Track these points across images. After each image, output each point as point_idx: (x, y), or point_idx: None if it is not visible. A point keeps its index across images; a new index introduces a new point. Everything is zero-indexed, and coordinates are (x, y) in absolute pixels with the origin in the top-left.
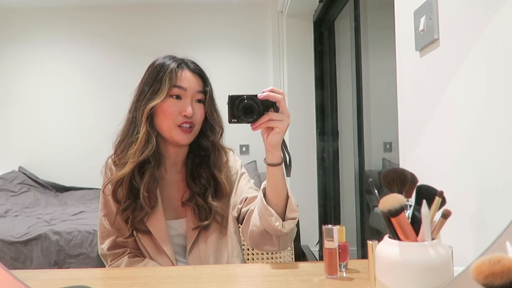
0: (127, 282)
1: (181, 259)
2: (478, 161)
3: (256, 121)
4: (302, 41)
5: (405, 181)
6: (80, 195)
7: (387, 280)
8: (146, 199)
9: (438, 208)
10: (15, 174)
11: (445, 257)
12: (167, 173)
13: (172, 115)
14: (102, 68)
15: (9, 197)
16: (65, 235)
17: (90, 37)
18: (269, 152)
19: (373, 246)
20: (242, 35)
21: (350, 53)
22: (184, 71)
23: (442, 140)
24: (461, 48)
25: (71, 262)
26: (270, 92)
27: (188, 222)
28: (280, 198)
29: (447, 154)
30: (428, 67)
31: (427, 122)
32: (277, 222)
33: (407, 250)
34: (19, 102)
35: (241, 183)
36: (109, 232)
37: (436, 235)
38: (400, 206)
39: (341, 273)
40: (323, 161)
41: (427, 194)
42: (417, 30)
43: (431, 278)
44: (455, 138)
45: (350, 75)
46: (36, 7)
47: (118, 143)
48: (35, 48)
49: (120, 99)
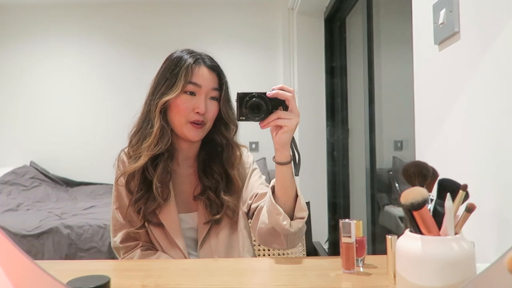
0: (142, 274)
1: (193, 253)
2: (498, 156)
3: (264, 119)
4: (313, 38)
5: (426, 174)
6: (90, 190)
7: (408, 274)
8: (159, 190)
9: (461, 202)
10: (27, 169)
11: (469, 252)
12: (179, 167)
13: (185, 111)
14: (113, 64)
15: (21, 191)
16: (76, 229)
17: (102, 32)
18: (278, 151)
19: (393, 241)
20: (252, 32)
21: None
22: (201, 67)
23: (461, 135)
24: (482, 41)
25: (81, 256)
26: (280, 90)
27: (199, 216)
28: (288, 196)
29: (466, 149)
30: (447, 61)
31: (445, 117)
32: (285, 221)
33: (430, 244)
34: (31, 97)
35: (252, 179)
36: (121, 225)
37: (459, 229)
38: (423, 199)
39: (358, 268)
40: (332, 158)
41: (450, 188)
42: (436, 23)
43: (453, 273)
44: (474, 133)
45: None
46: (49, 3)
47: (133, 134)
48: (48, 43)
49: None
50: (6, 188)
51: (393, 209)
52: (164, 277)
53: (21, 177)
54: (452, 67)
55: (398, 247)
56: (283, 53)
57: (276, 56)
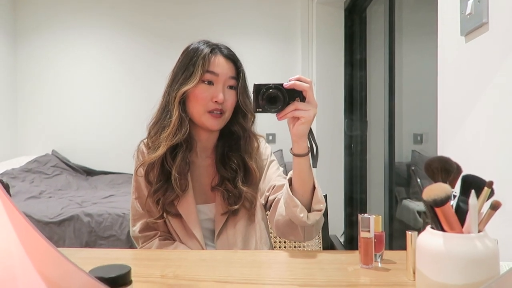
0: (161, 264)
1: (210, 243)
2: None
3: (281, 111)
4: (332, 29)
5: (450, 170)
6: (110, 179)
7: (429, 271)
8: (177, 181)
9: (486, 199)
10: (49, 157)
11: (493, 250)
12: (197, 158)
13: (204, 100)
14: (134, 55)
15: (43, 179)
16: (96, 217)
17: (122, 23)
18: (295, 143)
19: (413, 237)
20: (271, 22)
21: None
22: (217, 56)
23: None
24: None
25: (101, 244)
26: (297, 81)
27: (217, 206)
28: (306, 189)
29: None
30: (474, 52)
31: (470, 111)
32: (302, 213)
33: (452, 241)
34: (53, 88)
35: (270, 171)
36: (140, 215)
37: (483, 227)
38: (446, 195)
39: (376, 263)
40: (350, 151)
41: (474, 184)
42: (463, 14)
43: (477, 271)
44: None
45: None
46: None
47: (152, 125)
48: (69, 34)
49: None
50: (29, 176)
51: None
52: (183, 268)
53: (43, 166)
54: (479, 60)
55: (419, 243)
56: (302, 44)
57: (294, 46)
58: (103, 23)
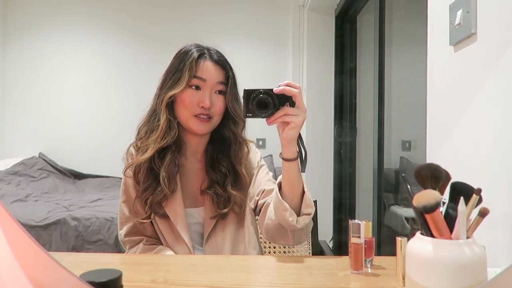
0: (151, 268)
1: (198, 247)
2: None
3: (271, 115)
4: (323, 36)
5: (439, 177)
6: (98, 182)
7: (418, 277)
8: (166, 181)
9: (474, 206)
10: (36, 160)
11: (481, 257)
12: (187, 161)
13: (190, 105)
14: (124, 57)
15: (30, 182)
16: (83, 221)
17: (113, 25)
18: (284, 147)
19: (402, 243)
20: (262, 27)
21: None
22: (206, 61)
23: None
24: (499, 44)
25: (88, 248)
26: (286, 86)
27: (206, 210)
28: (295, 193)
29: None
30: (463, 62)
31: (459, 119)
32: (291, 217)
33: (441, 247)
34: (40, 89)
35: (260, 175)
36: (127, 218)
37: (471, 233)
38: (436, 202)
39: (366, 269)
40: (340, 157)
41: (463, 191)
42: (453, 24)
43: (465, 277)
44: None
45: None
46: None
47: (141, 126)
48: (58, 35)
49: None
50: (15, 179)
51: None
52: (173, 272)
53: (30, 168)
54: (467, 69)
55: (408, 249)
56: (293, 50)
57: (285, 52)
58: (95, 25)
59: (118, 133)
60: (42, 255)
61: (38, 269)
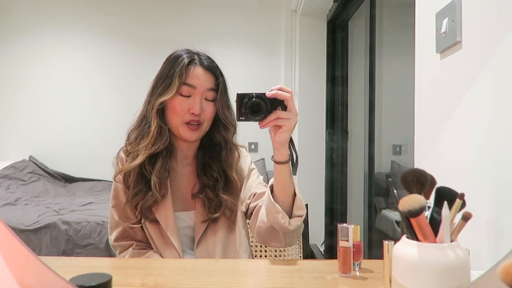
0: (142, 272)
1: (189, 251)
2: (496, 164)
3: (264, 119)
4: (315, 41)
5: (424, 182)
6: (89, 186)
7: (403, 280)
8: (157, 186)
9: (458, 210)
10: (26, 163)
11: (464, 260)
12: (178, 165)
13: (181, 112)
14: (116, 61)
15: (19, 185)
16: (74, 225)
17: (105, 29)
18: (276, 150)
19: (389, 246)
20: (254, 32)
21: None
22: (196, 67)
23: (460, 143)
24: (483, 52)
25: (79, 252)
26: (278, 91)
27: (197, 214)
28: (287, 195)
29: (464, 157)
30: (449, 69)
31: (445, 124)
32: (283, 219)
33: (426, 251)
34: (31, 92)
35: (251, 179)
36: (117, 223)
37: (455, 237)
38: (421, 207)
39: (354, 272)
40: (331, 161)
41: (447, 196)
42: (439, 32)
43: (449, 280)
44: (473, 141)
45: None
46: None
47: (132, 131)
48: (48, 38)
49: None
50: (4, 182)
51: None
52: (164, 276)
53: (20, 172)
54: (453, 76)
55: (394, 253)
56: (285, 54)
57: (277, 57)
58: (86, 29)
59: (109, 137)
60: (32, 260)
61: (28, 273)
